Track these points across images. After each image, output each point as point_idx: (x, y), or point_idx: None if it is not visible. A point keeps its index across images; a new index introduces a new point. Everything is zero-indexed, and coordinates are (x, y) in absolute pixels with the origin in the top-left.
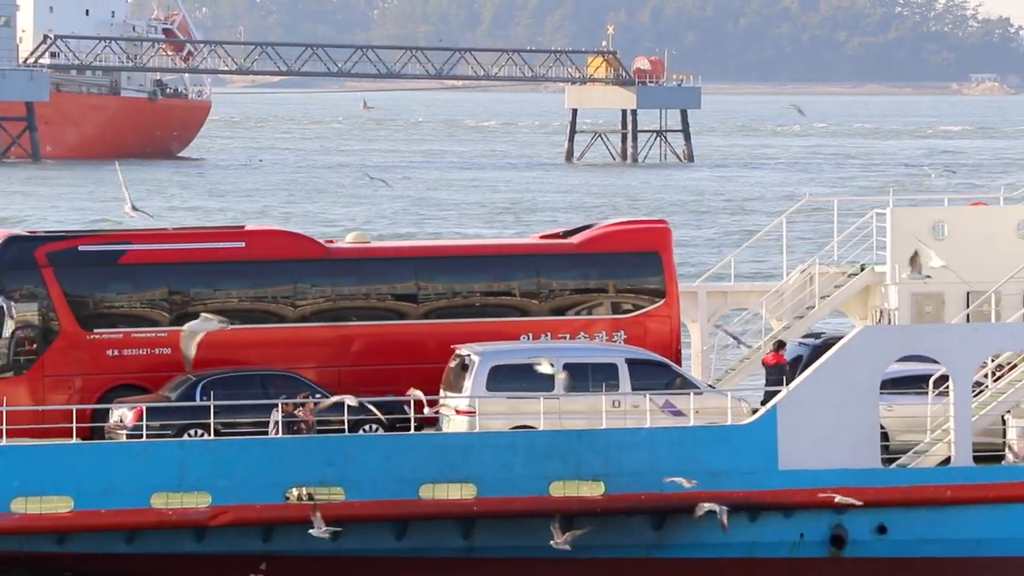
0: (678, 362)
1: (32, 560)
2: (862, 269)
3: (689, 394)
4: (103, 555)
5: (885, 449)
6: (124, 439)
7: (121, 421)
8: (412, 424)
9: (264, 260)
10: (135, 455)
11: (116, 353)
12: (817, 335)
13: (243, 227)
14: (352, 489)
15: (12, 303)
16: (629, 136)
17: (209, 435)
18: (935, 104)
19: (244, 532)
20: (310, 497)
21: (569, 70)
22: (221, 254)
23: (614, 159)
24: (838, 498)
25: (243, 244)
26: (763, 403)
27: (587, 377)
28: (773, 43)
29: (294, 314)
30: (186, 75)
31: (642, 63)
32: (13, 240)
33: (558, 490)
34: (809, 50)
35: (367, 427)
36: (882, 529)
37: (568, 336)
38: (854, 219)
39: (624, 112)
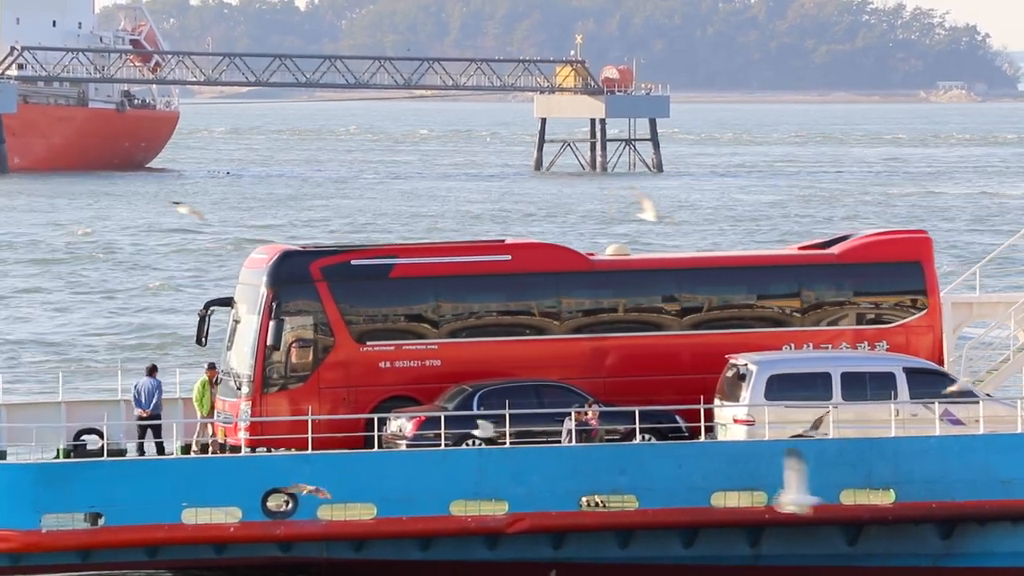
0: None
1: (331, 566)
2: None
3: (978, 402)
4: (398, 562)
5: None
6: (404, 449)
7: (400, 431)
8: (703, 434)
9: (530, 273)
10: (436, 463)
11: (388, 365)
12: None
13: (503, 240)
14: (644, 497)
15: (288, 317)
16: (598, 145)
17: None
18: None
19: (535, 539)
20: (603, 505)
21: (537, 79)
22: (488, 267)
23: (583, 168)
24: None
25: (509, 257)
26: None
27: (865, 386)
28: (741, 51)
29: (559, 326)
30: (154, 86)
31: (610, 72)
32: (288, 255)
33: (848, 498)
34: (777, 58)
35: (641, 436)
36: None
37: (829, 346)
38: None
39: (593, 121)
